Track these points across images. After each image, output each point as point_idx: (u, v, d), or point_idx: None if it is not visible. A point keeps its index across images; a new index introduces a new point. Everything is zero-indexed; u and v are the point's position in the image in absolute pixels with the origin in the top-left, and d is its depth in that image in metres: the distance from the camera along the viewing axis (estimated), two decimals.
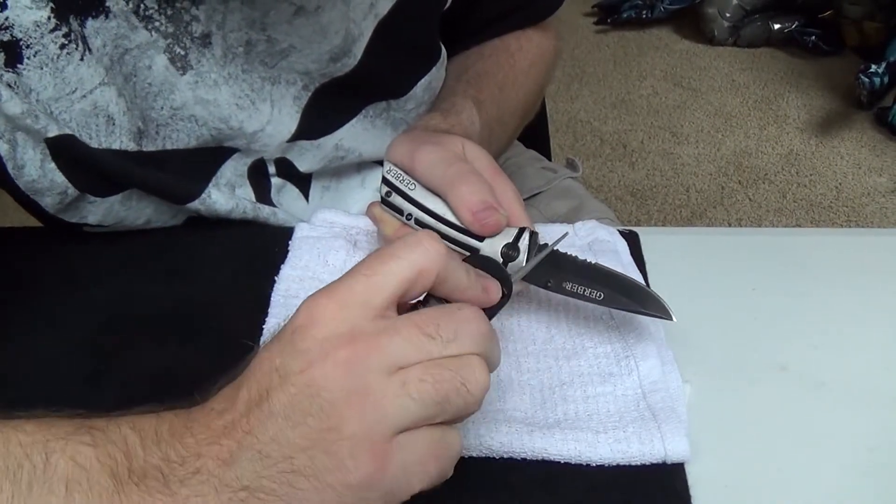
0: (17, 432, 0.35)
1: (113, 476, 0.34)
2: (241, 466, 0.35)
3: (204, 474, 0.35)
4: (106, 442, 0.35)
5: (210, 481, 0.35)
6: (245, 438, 0.35)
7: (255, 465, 0.35)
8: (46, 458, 0.34)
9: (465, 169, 0.48)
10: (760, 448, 0.45)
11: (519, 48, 0.70)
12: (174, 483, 0.35)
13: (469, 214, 0.46)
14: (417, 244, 0.37)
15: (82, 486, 0.34)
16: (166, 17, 0.52)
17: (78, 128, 0.52)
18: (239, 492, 0.34)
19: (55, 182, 0.53)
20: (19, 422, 0.36)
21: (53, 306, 0.54)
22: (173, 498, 0.34)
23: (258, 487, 0.34)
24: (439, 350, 0.35)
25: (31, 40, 0.48)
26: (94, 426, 0.36)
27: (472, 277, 0.39)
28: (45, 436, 0.35)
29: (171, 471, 0.35)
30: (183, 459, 0.35)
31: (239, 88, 0.56)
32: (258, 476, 0.34)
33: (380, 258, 0.36)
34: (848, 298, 0.55)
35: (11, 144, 0.51)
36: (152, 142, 0.56)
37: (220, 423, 0.35)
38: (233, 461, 0.35)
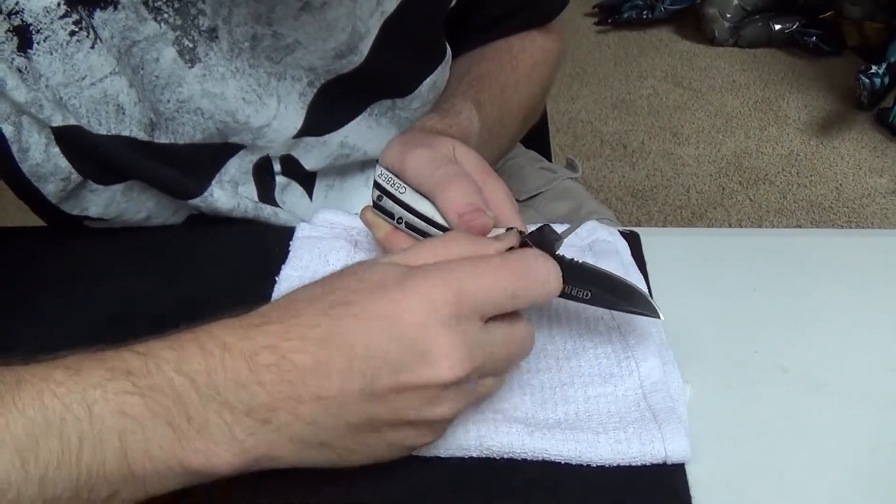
0: (47, 383, 0.34)
1: (169, 425, 0.34)
2: (323, 428, 0.35)
3: (275, 424, 0.35)
4: (151, 389, 0.34)
5: (282, 431, 0.35)
6: (334, 407, 0.35)
7: (339, 430, 0.36)
8: (89, 409, 0.33)
9: (453, 171, 0.48)
10: (761, 449, 0.45)
11: (522, 50, 0.70)
12: (239, 432, 0.35)
13: (455, 216, 0.46)
14: (546, 283, 0.41)
15: (137, 435, 0.34)
16: (174, 9, 0.52)
17: (87, 114, 0.52)
18: (316, 444, 0.36)
19: (59, 167, 0.53)
20: (46, 370, 0.34)
21: (54, 305, 0.54)
22: (240, 446, 0.35)
23: (336, 444, 0.36)
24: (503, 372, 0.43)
25: (41, 25, 0.48)
26: (132, 370, 0.35)
27: None
28: (78, 384, 0.34)
29: (236, 419, 0.34)
30: (249, 408, 0.35)
31: (246, 83, 0.56)
32: (339, 437, 0.36)
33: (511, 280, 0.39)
34: (848, 299, 0.55)
35: (17, 127, 0.51)
36: (164, 134, 0.56)
37: (299, 378, 0.35)
38: (314, 421, 0.35)
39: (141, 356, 0.35)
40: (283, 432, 0.35)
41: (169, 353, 0.35)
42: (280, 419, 0.35)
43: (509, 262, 0.40)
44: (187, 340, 0.36)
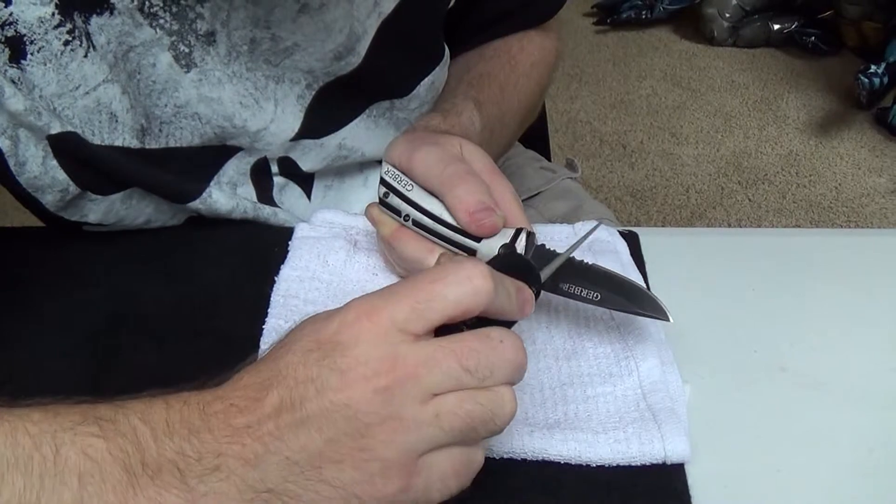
0: (23, 422, 0.34)
1: (126, 469, 0.34)
2: (267, 469, 0.35)
3: (224, 472, 0.35)
4: (115, 434, 0.35)
5: (231, 479, 0.35)
6: (273, 443, 0.35)
7: (282, 470, 0.35)
8: (56, 449, 0.34)
9: (462, 169, 0.48)
10: (760, 448, 0.45)
11: (520, 49, 0.70)
12: (191, 479, 0.34)
13: (465, 215, 0.46)
14: (468, 282, 0.36)
15: (95, 478, 0.34)
16: (171, 14, 0.52)
17: (81, 124, 0.52)
18: (262, 493, 0.35)
19: (56, 179, 0.53)
20: (25, 410, 0.35)
21: (53, 306, 0.54)
22: (191, 494, 0.34)
23: (283, 491, 0.35)
24: (475, 383, 0.36)
25: (34, 36, 0.48)
26: (102, 416, 0.35)
27: (514, 300, 0.39)
28: (51, 426, 0.34)
29: (188, 466, 0.34)
30: (200, 455, 0.35)
31: (243, 87, 0.56)
32: (284, 480, 0.35)
33: (427, 288, 0.36)
34: (847, 299, 0.55)
35: (13, 141, 0.51)
36: (155, 139, 0.56)
37: (242, 421, 0.35)
38: (258, 463, 0.35)
39: (113, 407, 0.36)
40: (232, 480, 0.35)
41: (138, 405, 0.36)
42: (228, 466, 0.35)
43: (425, 272, 0.38)
44: (157, 396, 0.37)
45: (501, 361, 0.37)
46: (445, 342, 0.36)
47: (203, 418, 0.35)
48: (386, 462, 0.35)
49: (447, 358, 0.36)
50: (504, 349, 0.37)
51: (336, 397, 0.35)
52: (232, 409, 0.35)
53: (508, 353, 0.37)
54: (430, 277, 0.37)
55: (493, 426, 0.37)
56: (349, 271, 0.54)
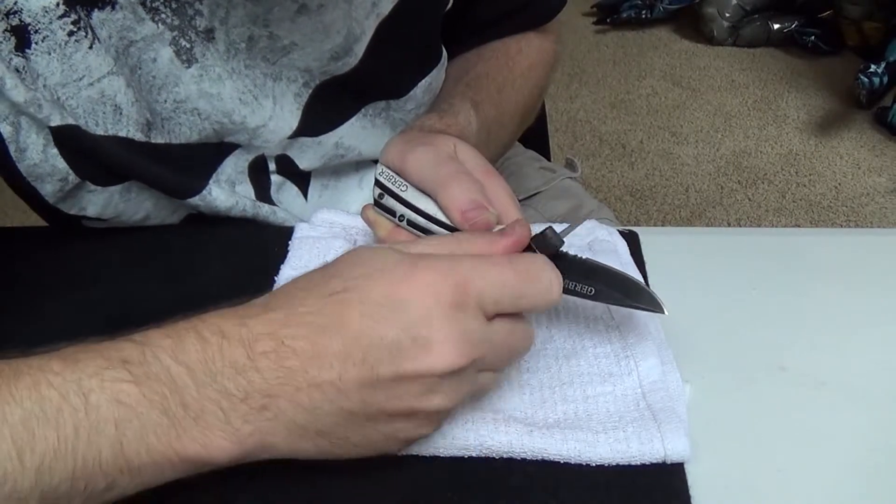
0: (44, 373, 0.34)
1: (165, 413, 0.34)
2: (320, 415, 0.35)
3: (272, 411, 0.35)
4: (147, 377, 0.34)
5: (280, 419, 0.35)
6: (332, 393, 0.35)
7: (336, 417, 0.36)
8: (85, 398, 0.33)
9: (455, 169, 0.48)
10: (760, 448, 0.45)
11: (519, 51, 0.70)
12: (236, 419, 0.34)
13: (458, 214, 0.46)
14: (548, 292, 0.40)
15: (133, 423, 0.33)
16: (171, 9, 0.52)
17: (84, 114, 0.52)
18: (312, 433, 0.36)
19: (56, 168, 0.53)
20: (43, 360, 0.34)
21: (53, 305, 0.54)
22: (236, 434, 0.34)
23: (332, 432, 0.36)
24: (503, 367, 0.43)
25: (39, 25, 0.48)
26: (128, 359, 0.34)
27: None
28: (74, 373, 0.34)
29: (232, 406, 0.34)
30: (246, 394, 0.34)
31: (242, 83, 0.56)
32: (336, 425, 0.36)
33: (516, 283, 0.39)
34: (848, 298, 0.55)
35: (15, 127, 0.51)
36: (160, 134, 0.56)
37: (297, 364, 0.35)
38: (312, 408, 0.35)
39: (138, 345, 0.35)
40: (280, 420, 0.35)
41: (166, 341, 0.35)
42: (278, 406, 0.34)
43: (516, 263, 0.40)
44: (185, 329, 0.36)
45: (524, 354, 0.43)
46: (508, 333, 0.40)
47: (250, 357, 0.35)
48: (434, 419, 0.39)
49: (505, 347, 0.40)
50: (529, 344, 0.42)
51: (412, 368, 0.36)
52: (284, 348, 0.35)
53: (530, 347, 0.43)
54: (522, 271, 0.39)
55: None
56: None
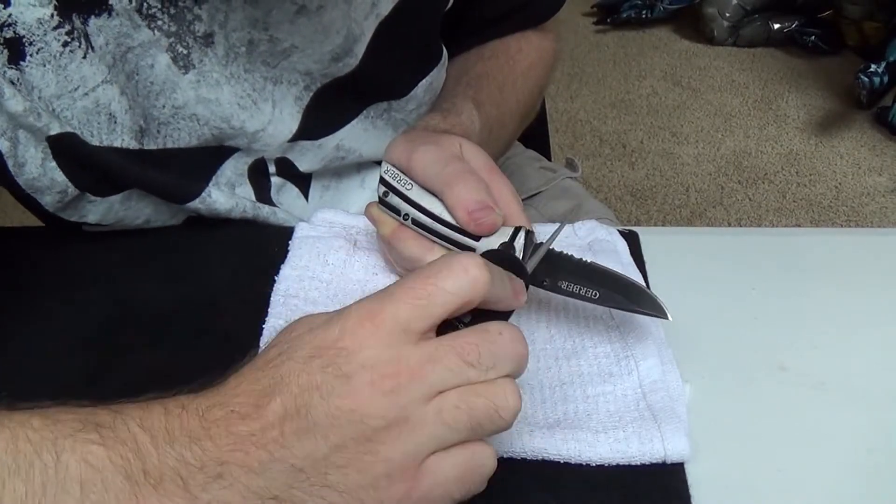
0: (24, 428, 0.34)
1: (128, 478, 0.34)
2: (272, 477, 0.35)
3: (227, 479, 0.34)
4: (115, 441, 0.34)
5: (235, 486, 0.35)
6: (278, 451, 0.34)
7: (287, 477, 0.35)
8: (57, 456, 0.34)
9: (461, 168, 0.48)
10: (760, 448, 0.45)
11: (519, 50, 0.70)
12: (194, 487, 0.34)
13: (465, 214, 0.46)
14: (464, 273, 0.36)
15: (97, 486, 0.34)
16: (169, 15, 0.52)
17: (80, 125, 0.52)
18: (267, 500, 0.35)
19: (55, 181, 0.53)
20: (25, 416, 0.35)
21: (53, 306, 0.54)
22: (194, 502, 0.34)
23: (288, 497, 0.35)
24: (477, 376, 0.36)
25: (33, 37, 0.48)
26: (101, 423, 0.35)
27: (508, 289, 0.40)
28: (52, 433, 0.34)
29: (190, 474, 0.34)
30: (202, 463, 0.34)
31: (241, 88, 0.56)
32: (289, 487, 0.35)
33: (425, 285, 0.36)
34: (848, 298, 0.55)
35: (13, 142, 0.51)
36: (153, 140, 0.56)
37: (245, 429, 0.35)
38: (262, 471, 0.35)
39: (112, 412, 0.36)
40: (236, 487, 0.34)
41: (136, 411, 0.36)
42: (231, 473, 0.34)
43: (419, 270, 0.38)
44: (154, 402, 0.37)
45: (502, 353, 0.37)
46: (446, 339, 0.36)
47: (203, 425, 0.35)
48: (391, 464, 0.35)
49: (448, 354, 0.36)
50: (504, 340, 0.37)
51: (342, 403, 0.35)
52: (233, 415, 0.35)
53: (508, 344, 0.37)
54: (426, 273, 0.37)
55: (499, 419, 0.36)
56: (349, 271, 0.54)
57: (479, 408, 0.36)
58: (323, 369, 0.35)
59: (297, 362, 0.36)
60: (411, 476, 0.35)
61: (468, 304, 0.37)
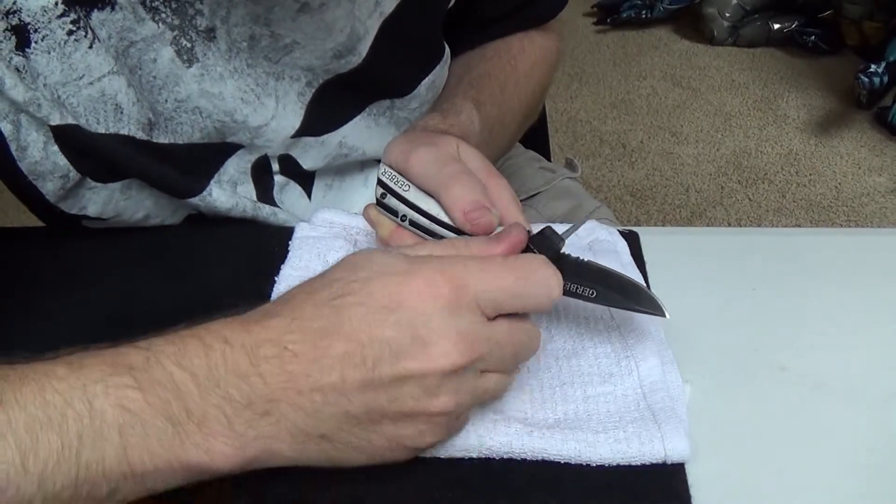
0: (49, 379, 0.34)
1: (169, 419, 0.34)
2: (323, 419, 0.35)
3: (275, 416, 0.35)
4: (152, 383, 0.34)
5: (283, 423, 0.35)
6: (334, 396, 0.35)
7: (339, 421, 0.36)
8: (90, 404, 0.33)
9: (458, 169, 0.48)
10: (760, 448, 0.45)
11: (521, 49, 0.70)
12: (239, 425, 0.34)
13: (461, 214, 0.46)
14: (547, 289, 0.40)
15: (136, 430, 0.33)
16: (172, 9, 0.52)
17: (85, 113, 0.52)
18: (315, 438, 0.36)
19: (57, 165, 0.53)
20: (49, 366, 0.34)
21: (53, 306, 0.54)
22: (239, 440, 0.35)
23: (336, 437, 0.36)
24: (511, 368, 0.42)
25: (38, 25, 0.48)
26: (133, 365, 0.35)
27: None
28: (79, 379, 0.34)
29: (235, 411, 0.34)
30: (249, 400, 0.34)
31: (244, 83, 0.56)
32: (339, 429, 0.36)
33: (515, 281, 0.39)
34: (847, 298, 0.55)
35: (15, 125, 0.51)
36: (163, 133, 0.56)
37: (299, 368, 0.35)
38: (315, 412, 0.35)
39: (142, 351, 0.35)
40: (283, 424, 0.35)
41: (170, 347, 0.36)
42: (280, 411, 0.35)
43: (513, 263, 0.40)
44: (188, 336, 0.36)
45: (531, 353, 0.42)
46: (509, 331, 0.40)
47: (253, 362, 0.35)
48: (438, 423, 0.38)
49: (508, 346, 0.40)
50: (536, 343, 0.42)
51: (413, 367, 0.36)
52: (286, 353, 0.35)
53: (537, 346, 0.42)
54: (520, 269, 0.40)
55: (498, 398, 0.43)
56: None
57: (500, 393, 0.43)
58: (397, 325, 0.36)
59: (366, 309, 0.36)
60: (448, 428, 0.40)
61: (533, 312, 0.41)
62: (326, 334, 0.35)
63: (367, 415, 0.36)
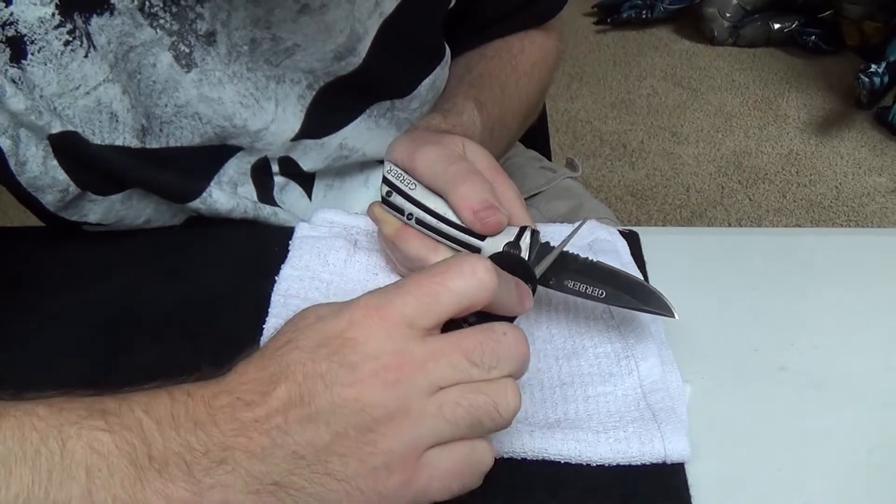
0: (30, 417, 0.35)
1: (133, 463, 0.34)
2: (273, 463, 0.35)
3: (230, 464, 0.35)
4: (121, 427, 0.35)
5: (237, 471, 0.35)
6: (280, 437, 0.35)
7: (288, 464, 0.35)
8: (63, 444, 0.34)
9: (465, 168, 0.48)
10: (760, 448, 0.45)
11: (521, 49, 0.70)
12: (198, 472, 0.35)
13: (470, 213, 0.46)
14: (472, 275, 0.37)
15: (102, 472, 0.34)
16: (171, 14, 0.52)
17: (81, 124, 0.52)
18: (268, 485, 0.35)
19: (56, 179, 0.53)
20: (30, 405, 0.35)
21: (53, 306, 0.54)
22: (198, 486, 0.35)
23: (288, 483, 0.35)
24: (479, 375, 0.37)
25: (35, 36, 0.48)
26: (107, 410, 0.35)
27: (514, 294, 0.40)
28: (58, 420, 0.35)
29: (194, 459, 0.35)
30: (206, 448, 0.35)
31: (243, 87, 0.56)
32: (290, 473, 0.35)
33: (433, 283, 0.37)
34: (848, 298, 0.55)
35: (14, 141, 0.51)
36: (156, 139, 0.56)
37: (249, 415, 0.35)
38: (264, 456, 0.35)
39: (118, 400, 0.36)
40: (238, 472, 0.35)
41: (142, 398, 0.36)
42: (235, 458, 0.35)
43: (431, 267, 0.39)
44: (159, 390, 0.37)
45: (505, 353, 0.37)
46: (452, 337, 0.37)
47: (209, 412, 0.35)
48: (390, 455, 0.36)
49: (453, 351, 0.36)
50: (508, 342, 0.38)
51: (346, 392, 0.35)
52: (238, 402, 0.36)
53: (512, 346, 0.38)
54: (435, 272, 0.38)
55: (498, 418, 0.37)
56: (350, 271, 0.54)
57: (480, 405, 0.36)
58: (329, 358, 0.36)
59: (303, 351, 0.36)
60: (410, 468, 0.36)
61: (473, 306, 0.37)
62: (271, 381, 0.36)
63: (314, 454, 0.35)
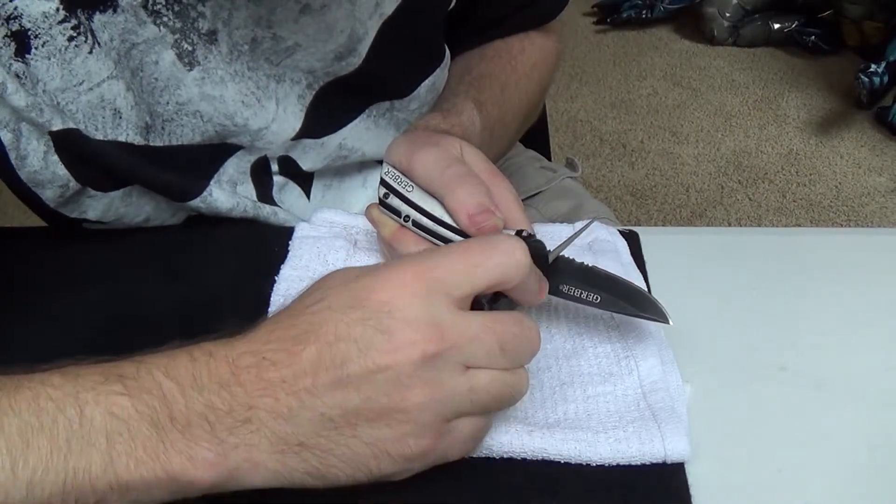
0: (45, 386, 0.34)
1: (154, 425, 0.34)
2: (300, 424, 0.35)
3: (255, 424, 0.35)
4: (140, 390, 0.35)
5: (262, 431, 0.35)
6: (308, 399, 0.35)
7: (315, 425, 0.35)
8: (80, 410, 0.34)
9: (462, 171, 0.48)
10: (760, 448, 0.45)
11: (521, 50, 0.70)
12: (221, 431, 0.35)
13: (465, 217, 0.46)
14: (511, 254, 0.39)
15: (123, 436, 0.34)
16: (174, 12, 0.52)
17: (84, 119, 0.52)
18: (294, 446, 0.36)
19: (57, 175, 0.53)
20: (44, 375, 0.35)
21: (53, 307, 0.54)
22: (221, 446, 0.35)
23: (314, 444, 0.36)
24: (505, 364, 0.38)
25: (39, 31, 0.48)
26: (124, 374, 0.35)
27: (536, 284, 0.42)
28: (74, 387, 0.34)
29: (218, 419, 0.35)
30: (230, 408, 0.35)
31: (245, 86, 0.56)
32: (316, 435, 0.36)
33: (473, 253, 0.38)
34: (847, 298, 0.55)
35: (15, 134, 0.51)
36: (159, 137, 0.56)
37: (276, 375, 0.35)
38: (291, 417, 0.35)
39: (135, 363, 0.36)
40: (263, 432, 0.35)
41: (160, 359, 0.36)
42: (259, 418, 0.35)
43: (472, 240, 0.41)
44: (178, 350, 0.37)
45: (528, 347, 0.39)
46: (486, 319, 0.38)
47: (233, 371, 0.35)
48: (419, 423, 0.37)
49: (488, 335, 0.38)
50: (532, 337, 0.39)
51: (381, 359, 0.35)
52: (264, 362, 0.36)
53: (535, 340, 0.40)
54: (476, 246, 0.39)
55: (509, 404, 0.40)
56: None
57: (504, 396, 0.39)
58: (363, 321, 0.36)
59: (335, 311, 0.36)
60: (435, 435, 0.37)
61: (504, 284, 0.39)
62: (299, 341, 0.36)
63: (342, 417, 0.36)
